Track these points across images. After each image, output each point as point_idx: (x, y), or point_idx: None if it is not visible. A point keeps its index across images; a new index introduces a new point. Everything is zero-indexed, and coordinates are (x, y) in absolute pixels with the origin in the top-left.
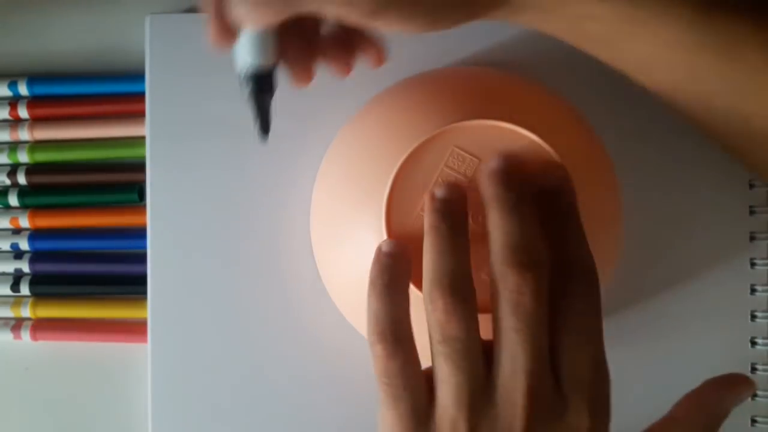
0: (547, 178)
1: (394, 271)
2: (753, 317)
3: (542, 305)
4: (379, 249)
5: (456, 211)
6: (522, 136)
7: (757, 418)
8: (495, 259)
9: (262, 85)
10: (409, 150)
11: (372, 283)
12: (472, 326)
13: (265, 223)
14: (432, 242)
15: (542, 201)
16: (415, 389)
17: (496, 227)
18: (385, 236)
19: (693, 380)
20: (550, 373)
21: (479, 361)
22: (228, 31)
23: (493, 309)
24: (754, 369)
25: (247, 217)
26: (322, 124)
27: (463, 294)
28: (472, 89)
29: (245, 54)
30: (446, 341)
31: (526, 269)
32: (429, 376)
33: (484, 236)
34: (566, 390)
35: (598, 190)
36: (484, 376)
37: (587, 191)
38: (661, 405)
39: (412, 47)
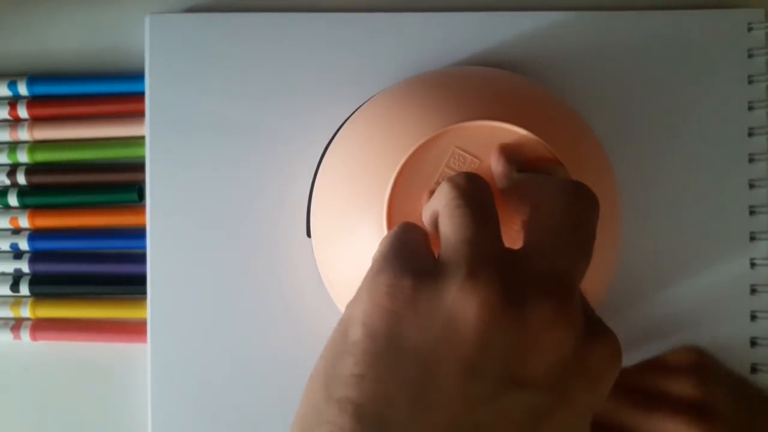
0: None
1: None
2: (753, 317)
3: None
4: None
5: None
6: (523, 137)
7: None
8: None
9: None
10: (411, 150)
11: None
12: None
13: (265, 223)
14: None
15: None
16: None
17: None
18: None
19: None
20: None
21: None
22: None
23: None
24: (754, 369)
25: (247, 217)
26: (321, 123)
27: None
28: (472, 89)
29: None
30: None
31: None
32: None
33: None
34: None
35: (598, 191)
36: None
37: None
38: None
39: (412, 47)
